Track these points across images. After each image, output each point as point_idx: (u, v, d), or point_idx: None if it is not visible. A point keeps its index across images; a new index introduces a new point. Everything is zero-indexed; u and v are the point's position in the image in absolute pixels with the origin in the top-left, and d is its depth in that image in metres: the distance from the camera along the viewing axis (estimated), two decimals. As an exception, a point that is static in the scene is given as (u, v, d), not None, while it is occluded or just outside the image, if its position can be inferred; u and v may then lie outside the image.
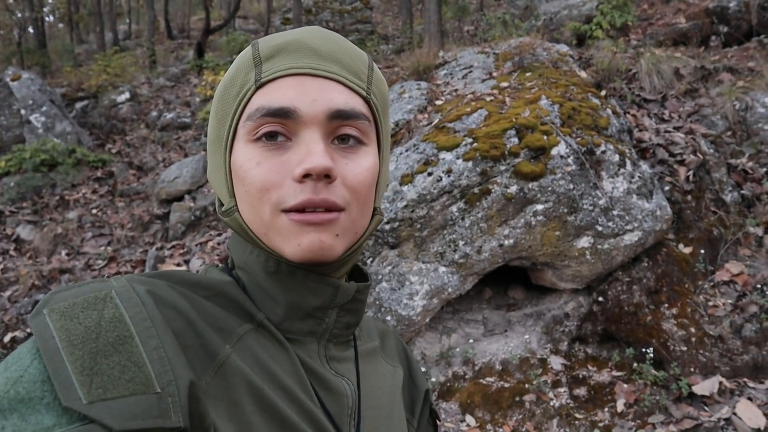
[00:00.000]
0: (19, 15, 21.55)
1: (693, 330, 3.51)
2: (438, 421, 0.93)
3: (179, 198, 6.63)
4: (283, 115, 0.59)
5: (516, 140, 3.77)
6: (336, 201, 0.59)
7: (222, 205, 0.67)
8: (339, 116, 0.60)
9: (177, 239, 6.05)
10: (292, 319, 0.63)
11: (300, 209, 0.58)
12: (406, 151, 4.12)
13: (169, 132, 9.16)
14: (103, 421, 0.41)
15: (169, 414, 0.44)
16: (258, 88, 0.61)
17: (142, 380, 0.44)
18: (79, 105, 9.88)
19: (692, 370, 3.38)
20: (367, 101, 0.65)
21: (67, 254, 5.95)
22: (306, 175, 0.57)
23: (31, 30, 19.58)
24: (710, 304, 3.69)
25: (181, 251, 5.72)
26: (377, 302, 3.64)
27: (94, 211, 6.83)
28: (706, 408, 3.20)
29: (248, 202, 0.61)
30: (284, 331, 0.63)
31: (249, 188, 0.60)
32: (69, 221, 6.48)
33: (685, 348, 3.44)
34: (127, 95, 10.15)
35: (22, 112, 8.26)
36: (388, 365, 0.79)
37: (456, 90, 5.23)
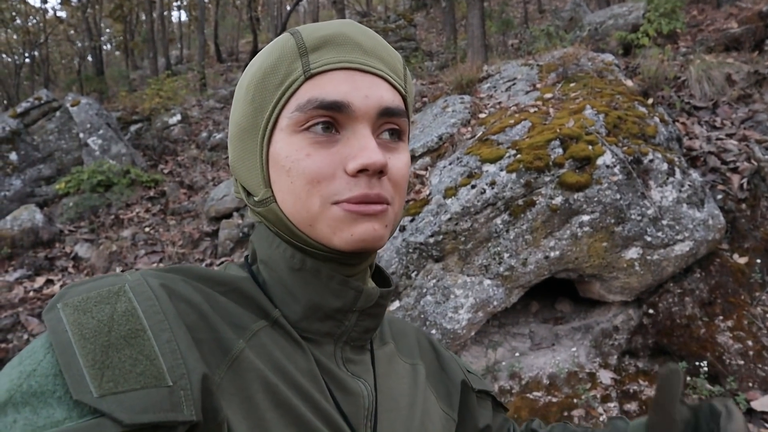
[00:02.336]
0: (79, 45, 22.60)
1: (750, 343, 3.38)
2: (501, 407, 0.91)
3: (228, 215, 6.77)
4: (336, 108, 0.58)
5: (560, 151, 3.73)
6: (386, 196, 0.61)
7: (249, 195, 0.66)
8: (387, 113, 0.61)
9: (226, 255, 6.17)
10: (310, 319, 0.63)
11: (354, 202, 0.59)
12: (450, 164, 4.12)
13: (218, 152, 9.40)
14: (114, 414, 0.41)
15: (181, 407, 0.44)
16: (307, 79, 0.60)
17: (153, 373, 0.44)
18: (133, 128, 10.26)
19: (750, 385, 3.24)
20: (404, 98, 0.66)
21: (122, 271, 6.14)
22: (362, 170, 0.58)
23: (90, 58, 20.50)
24: (769, 316, 3.55)
25: (230, 267, 5.83)
26: (422, 316, 3.63)
27: (147, 229, 7.04)
28: (766, 425, 3.06)
29: (293, 193, 0.60)
30: (301, 330, 0.62)
31: (296, 179, 0.59)
32: (123, 239, 6.70)
33: (742, 362, 3.31)
34: (178, 117, 10.48)
35: (81, 135, 8.62)
36: (407, 364, 0.78)
37: (499, 103, 5.21)
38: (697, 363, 3.36)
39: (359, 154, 0.58)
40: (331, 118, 0.59)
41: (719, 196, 4.06)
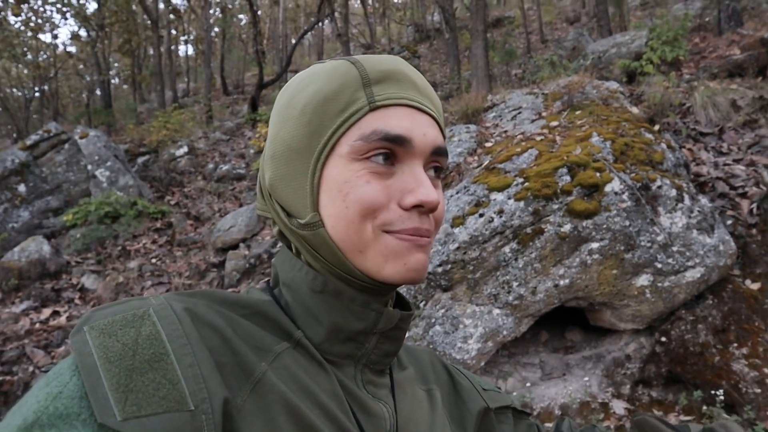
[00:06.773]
0: (88, 78, 22.90)
1: (767, 371, 3.31)
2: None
3: (234, 246, 6.77)
4: (399, 142, 0.60)
5: (568, 178, 3.72)
6: (431, 231, 0.64)
7: (290, 216, 0.65)
8: (438, 152, 0.64)
9: (232, 287, 6.15)
10: (332, 341, 0.63)
11: (407, 234, 0.61)
12: (457, 193, 4.12)
13: (224, 183, 9.45)
14: None
15: (202, 431, 0.44)
16: (371, 110, 0.61)
17: (176, 397, 0.45)
18: (140, 159, 10.34)
19: (768, 414, 3.17)
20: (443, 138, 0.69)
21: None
22: (417, 206, 0.60)
23: (98, 92, 20.74)
24: (784, 343, 3.49)
25: (237, 298, 5.82)
26: (431, 346, 3.59)
27: (153, 260, 7.04)
28: (786, 455, 2.99)
29: (346, 218, 0.60)
30: (323, 352, 0.63)
31: (353, 205, 0.59)
32: (130, 270, 6.69)
33: (759, 390, 3.24)
34: (185, 149, 10.56)
35: (89, 167, 8.69)
36: (422, 390, 0.78)
37: (505, 131, 5.23)
38: (712, 391, 3.30)
39: (416, 189, 0.60)
40: (391, 150, 0.61)
41: (729, 222, 4.04)
